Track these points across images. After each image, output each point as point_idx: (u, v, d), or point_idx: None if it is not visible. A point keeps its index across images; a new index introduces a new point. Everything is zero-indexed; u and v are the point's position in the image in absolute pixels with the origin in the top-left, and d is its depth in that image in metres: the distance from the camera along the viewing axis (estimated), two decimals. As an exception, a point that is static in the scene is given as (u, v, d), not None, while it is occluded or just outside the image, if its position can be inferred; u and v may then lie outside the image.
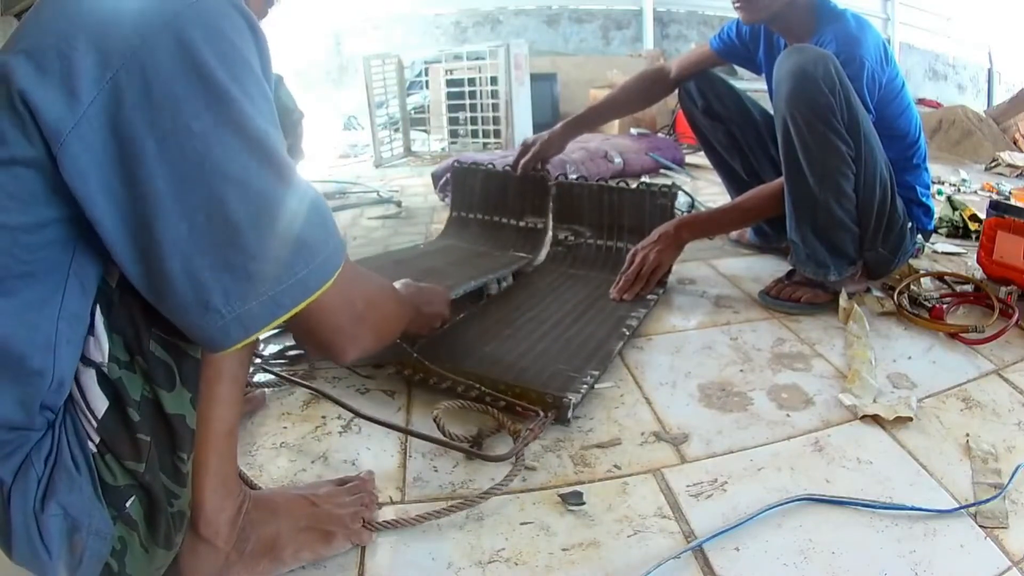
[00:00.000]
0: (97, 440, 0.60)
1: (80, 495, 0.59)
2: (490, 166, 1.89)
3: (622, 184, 1.65)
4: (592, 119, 1.85)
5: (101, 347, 0.59)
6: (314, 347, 0.68)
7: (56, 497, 0.58)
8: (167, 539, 0.66)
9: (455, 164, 1.96)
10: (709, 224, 1.61)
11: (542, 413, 1.03)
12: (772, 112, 1.71)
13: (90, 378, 0.60)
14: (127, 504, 0.62)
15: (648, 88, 1.85)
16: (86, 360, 0.60)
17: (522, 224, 1.81)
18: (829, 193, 1.36)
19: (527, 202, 1.81)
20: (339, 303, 0.65)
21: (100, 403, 0.60)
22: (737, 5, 1.48)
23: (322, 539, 0.80)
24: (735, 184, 1.83)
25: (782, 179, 1.48)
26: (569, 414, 1.05)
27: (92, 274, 0.59)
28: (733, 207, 1.62)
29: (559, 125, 1.78)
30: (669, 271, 1.52)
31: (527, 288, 1.53)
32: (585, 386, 1.10)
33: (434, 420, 0.99)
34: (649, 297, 1.45)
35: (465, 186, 1.92)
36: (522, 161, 1.75)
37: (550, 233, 1.78)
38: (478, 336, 1.28)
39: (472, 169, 1.90)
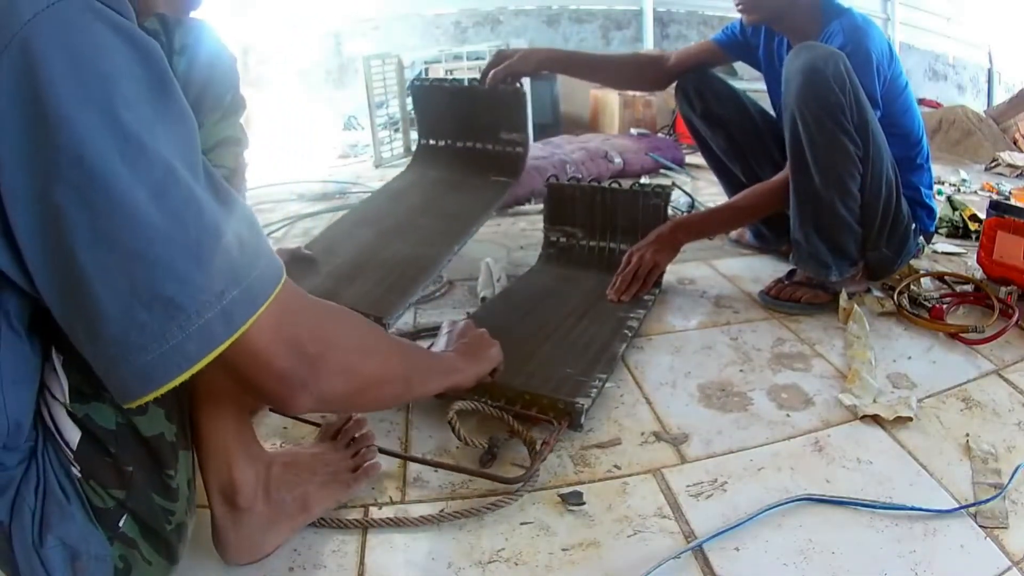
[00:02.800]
0: (78, 468, 0.60)
1: (73, 523, 0.59)
2: (455, 82, 1.77)
3: (615, 185, 1.62)
4: (576, 65, 1.77)
5: (62, 386, 0.58)
6: (258, 397, 0.61)
7: (52, 530, 0.58)
8: (170, 553, 0.67)
9: (414, 82, 1.83)
10: (705, 224, 1.60)
11: (555, 422, 1.01)
12: (771, 112, 1.72)
13: (60, 410, 0.59)
14: (120, 524, 0.62)
15: (641, 69, 1.82)
16: (54, 395, 0.59)
17: (498, 148, 1.69)
18: (834, 192, 1.36)
19: (501, 119, 1.66)
20: (274, 344, 0.56)
21: (73, 434, 0.59)
22: (739, 7, 1.48)
23: (342, 488, 0.88)
24: (735, 189, 1.82)
25: (777, 177, 1.48)
26: (582, 419, 1.03)
27: (16, 306, 0.54)
28: (728, 206, 1.61)
29: (545, 49, 1.68)
30: (663, 272, 1.52)
31: (523, 290, 1.51)
32: (595, 390, 1.09)
33: (449, 423, 0.98)
34: (646, 298, 1.44)
35: (429, 108, 1.77)
36: (492, 71, 1.58)
37: (530, 150, 1.66)
38: None
39: (435, 87, 1.75)
